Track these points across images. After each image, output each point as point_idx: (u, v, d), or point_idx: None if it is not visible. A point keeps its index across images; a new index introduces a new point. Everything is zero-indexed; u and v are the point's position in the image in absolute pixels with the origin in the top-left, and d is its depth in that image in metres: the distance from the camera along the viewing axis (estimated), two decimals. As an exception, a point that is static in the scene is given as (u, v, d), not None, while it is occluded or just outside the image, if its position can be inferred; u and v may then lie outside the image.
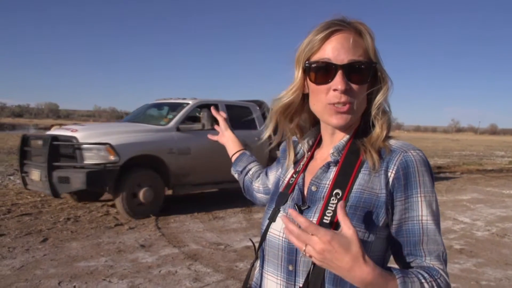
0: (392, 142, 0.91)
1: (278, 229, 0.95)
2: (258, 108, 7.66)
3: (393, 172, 0.86)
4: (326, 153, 0.99)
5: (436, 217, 0.87)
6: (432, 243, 0.85)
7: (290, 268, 0.91)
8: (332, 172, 0.93)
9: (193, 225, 5.74)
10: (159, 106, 7.66)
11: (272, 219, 0.97)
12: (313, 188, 0.93)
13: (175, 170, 6.30)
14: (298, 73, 0.95)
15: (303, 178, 0.98)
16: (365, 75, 0.89)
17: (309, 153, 1.03)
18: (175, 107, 7.06)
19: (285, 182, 1.03)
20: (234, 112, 7.16)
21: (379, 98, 0.92)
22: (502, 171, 14.80)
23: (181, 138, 6.45)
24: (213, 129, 1.39)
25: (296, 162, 1.05)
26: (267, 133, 1.08)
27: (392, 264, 0.87)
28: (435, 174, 12.27)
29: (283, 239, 0.92)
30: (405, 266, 0.86)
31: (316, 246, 0.73)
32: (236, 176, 1.39)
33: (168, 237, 5.09)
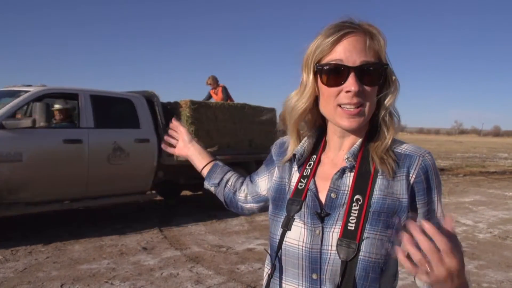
0: (405, 146, 0.93)
1: (296, 238, 0.92)
2: (145, 101, 5.94)
3: (414, 176, 0.89)
4: (335, 157, 0.97)
5: None
6: None
7: (314, 277, 0.89)
8: (349, 177, 0.92)
9: (195, 227, 5.76)
10: None
11: (287, 227, 0.93)
12: (333, 195, 0.91)
13: None
14: (309, 77, 0.93)
15: (315, 184, 0.96)
16: (376, 76, 0.89)
17: (316, 156, 1.00)
18: (10, 97, 5.05)
19: (293, 187, 0.98)
20: (107, 105, 5.52)
21: (388, 101, 0.92)
22: (505, 173, 14.75)
23: (5, 138, 4.54)
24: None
25: (300, 166, 1.00)
26: (291, 148, 1.01)
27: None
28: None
29: (304, 247, 0.90)
30: None
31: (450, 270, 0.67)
32: (212, 189, 1.29)
33: (170, 239, 5.11)
